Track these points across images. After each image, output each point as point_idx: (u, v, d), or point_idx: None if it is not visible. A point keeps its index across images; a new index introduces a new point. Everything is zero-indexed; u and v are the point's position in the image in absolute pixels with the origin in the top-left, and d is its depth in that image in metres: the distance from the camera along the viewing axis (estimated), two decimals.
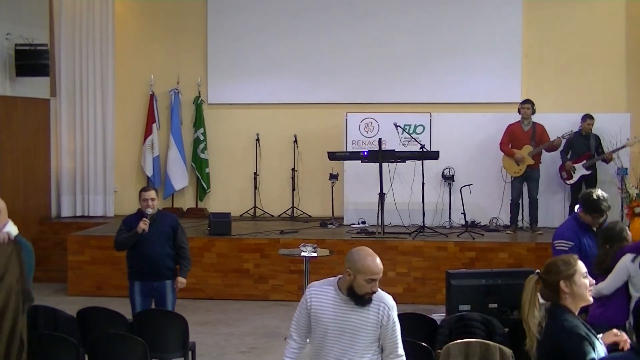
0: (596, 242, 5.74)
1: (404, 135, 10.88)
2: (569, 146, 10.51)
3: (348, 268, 4.07)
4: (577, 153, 10.46)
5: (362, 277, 4.05)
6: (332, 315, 4.10)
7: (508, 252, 9.67)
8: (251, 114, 12.32)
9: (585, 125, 10.42)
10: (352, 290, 4.07)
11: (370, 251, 4.18)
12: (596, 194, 5.79)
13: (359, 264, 4.07)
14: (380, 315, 4.12)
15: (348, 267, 4.07)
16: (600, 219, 5.79)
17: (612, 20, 11.73)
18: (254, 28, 12.21)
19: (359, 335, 4.08)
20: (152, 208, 6.83)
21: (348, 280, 4.07)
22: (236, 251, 10.01)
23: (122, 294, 7.03)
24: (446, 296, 6.13)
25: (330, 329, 4.10)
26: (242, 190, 12.25)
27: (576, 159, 10.44)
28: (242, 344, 8.01)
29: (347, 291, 4.08)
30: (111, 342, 5.58)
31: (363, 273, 4.06)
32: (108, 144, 12.21)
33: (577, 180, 10.41)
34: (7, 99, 10.96)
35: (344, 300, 4.10)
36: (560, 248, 5.71)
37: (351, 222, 11.18)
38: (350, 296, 4.08)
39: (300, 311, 4.24)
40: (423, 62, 11.92)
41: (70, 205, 12.23)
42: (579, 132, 10.48)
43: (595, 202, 5.74)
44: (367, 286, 4.07)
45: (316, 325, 4.15)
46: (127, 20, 12.49)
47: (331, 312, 4.10)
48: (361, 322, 4.09)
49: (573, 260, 3.74)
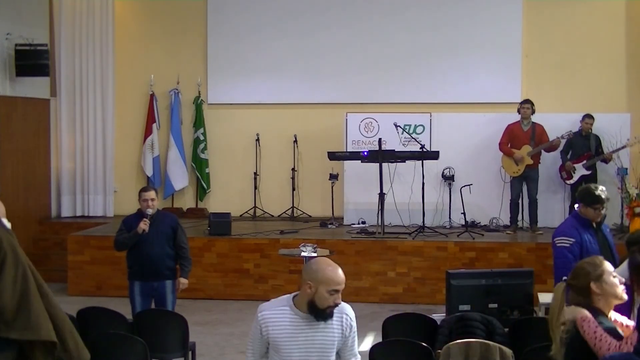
0: (597, 238, 5.71)
1: (404, 135, 10.88)
2: (569, 146, 10.52)
3: (308, 280, 3.72)
4: (577, 153, 10.46)
5: (325, 288, 3.70)
6: (294, 340, 3.76)
7: (508, 252, 9.68)
8: (251, 114, 12.33)
9: (584, 124, 10.43)
10: (314, 305, 3.72)
11: (330, 261, 3.82)
12: (593, 186, 5.79)
13: (320, 275, 3.72)
14: (343, 327, 3.85)
15: (308, 280, 3.72)
16: (601, 210, 5.76)
17: (612, 20, 11.73)
18: (254, 28, 12.21)
19: (327, 354, 3.82)
20: (152, 208, 6.84)
21: (308, 294, 3.73)
22: (236, 251, 10.01)
23: (122, 294, 7.03)
24: (446, 296, 6.12)
25: (294, 354, 3.77)
26: (242, 190, 12.25)
27: (576, 159, 10.45)
28: (242, 344, 7.99)
29: (307, 306, 3.74)
30: (111, 342, 5.57)
31: (325, 284, 3.70)
32: (108, 144, 12.22)
33: (577, 180, 10.41)
34: (7, 99, 10.96)
35: (304, 318, 3.77)
36: (562, 245, 5.69)
37: (351, 222, 11.18)
38: (311, 312, 3.74)
39: (253, 338, 3.89)
40: (423, 62, 11.92)
41: (70, 205, 12.23)
42: (579, 132, 10.48)
43: (594, 194, 5.74)
44: (330, 298, 3.71)
45: (276, 353, 3.81)
46: (127, 20, 12.49)
47: (291, 336, 3.76)
48: (327, 339, 3.80)
49: (599, 261, 3.72)
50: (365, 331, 8.43)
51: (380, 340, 5.90)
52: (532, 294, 6.13)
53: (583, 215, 5.81)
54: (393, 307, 9.00)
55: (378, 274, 9.78)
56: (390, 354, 5.26)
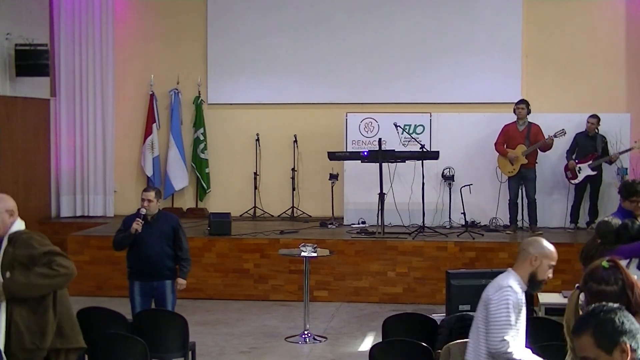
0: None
1: (404, 135, 10.88)
2: (575, 146, 10.51)
3: (536, 254, 4.25)
4: (583, 153, 10.45)
5: (547, 262, 4.27)
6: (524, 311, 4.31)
7: (508, 252, 9.66)
8: (251, 114, 12.33)
9: (588, 124, 10.42)
10: (534, 277, 4.26)
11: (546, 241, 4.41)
12: (632, 179, 5.80)
13: (546, 250, 4.28)
14: None
15: (535, 253, 4.25)
16: (638, 202, 5.77)
17: (612, 20, 11.73)
18: (254, 28, 12.21)
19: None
20: (147, 209, 6.84)
21: (532, 267, 4.25)
22: (236, 251, 10.01)
23: (122, 294, 7.04)
24: (446, 296, 6.13)
25: (521, 324, 4.29)
26: (242, 190, 12.25)
27: (582, 159, 10.43)
28: (242, 344, 8.01)
29: (527, 279, 4.26)
30: (111, 342, 5.58)
31: (549, 258, 4.28)
32: (108, 144, 12.22)
33: (582, 180, 10.41)
34: (7, 99, 10.97)
35: (523, 290, 4.30)
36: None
37: (351, 222, 11.18)
38: (529, 284, 4.27)
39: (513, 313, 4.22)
40: (423, 62, 11.92)
41: (70, 205, 12.24)
42: (584, 132, 10.48)
43: (630, 185, 5.75)
44: (548, 271, 4.28)
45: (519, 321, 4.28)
46: (127, 20, 12.49)
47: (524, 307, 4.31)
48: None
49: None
50: (365, 331, 8.44)
51: (380, 340, 5.91)
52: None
53: (627, 208, 5.82)
54: (393, 307, 9.00)
55: (378, 274, 9.78)
56: (390, 354, 5.26)
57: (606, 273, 3.35)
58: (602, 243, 5.38)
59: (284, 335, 8.25)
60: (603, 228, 5.44)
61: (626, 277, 3.34)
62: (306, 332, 8.09)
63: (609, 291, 3.31)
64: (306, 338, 8.05)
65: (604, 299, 3.28)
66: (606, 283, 3.32)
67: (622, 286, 3.30)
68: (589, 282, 3.38)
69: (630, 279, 3.34)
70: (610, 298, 3.30)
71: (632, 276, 3.38)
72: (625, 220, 5.44)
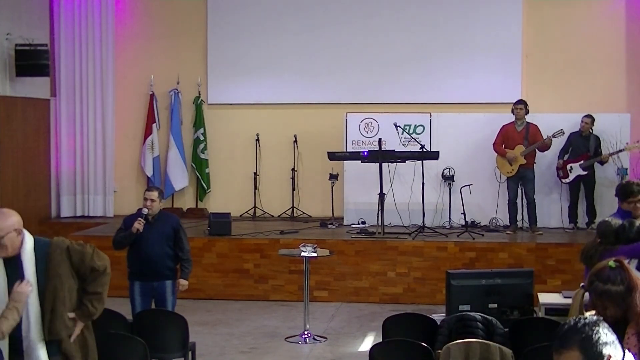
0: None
1: (404, 136, 10.88)
2: (568, 145, 10.52)
3: None
4: (576, 153, 10.46)
5: None
6: None
7: (508, 252, 9.68)
8: (251, 114, 12.33)
9: (582, 124, 10.42)
10: None
11: None
12: (627, 180, 5.81)
13: None
14: None
15: None
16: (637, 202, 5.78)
17: (612, 20, 11.73)
18: (254, 28, 12.21)
19: None
20: (150, 208, 6.83)
21: None
22: (236, 251, 10.01)
23: (122, 294, 7.02)
24: (446, 296, 6.13)
25: None
26: (242, 190, 12.25)
27: (574, 159, 10.45)
28: (242, 344, 8.01)
29: None
30: (111, 342, 5.57)
31: None
32: (108, 144, 12.22)
33: (573, 179, 10.43)
34: (7, 99, 10.97)
35: None
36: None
37: (351, 222, 11.18)
38: None
39: None
40: (423, 62, 11.91)
41: (70, 206, 12.23)
42: (578, 132, 10.48)
43: (626, 186, 5.76)
44: None
45: None
46: (127, 20, 12.49)
47: None
48: None
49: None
50: (365, 331, 8.44)
51: (380, 340, 5.91)
52: (532, 294, 6.14)
53: (626, 210, 5.84)
54: (393, 307, 9.00)
55: (378, 274, 9.78)
56: (390, 354, 5.26)
57: (612, 273, 3.36)
58: (602, 243, 5.39)
59: (284, 335, 8.25)
60: (603, 228, 5.46)
61: (630, 279, 3.35)
62: (306, 332, 8.09)
63: (614, 291, 3.32)
64: (306, 338, 8.04)
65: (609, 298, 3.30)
66: (612, 283, 3.33)
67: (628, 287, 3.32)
68: (595, 282, 3.39)
69: (634, 281, 3.35)
70: (615, 298, 3.31)
71: (637, 278, 3.39)
72: (625, 221, 5.46)
